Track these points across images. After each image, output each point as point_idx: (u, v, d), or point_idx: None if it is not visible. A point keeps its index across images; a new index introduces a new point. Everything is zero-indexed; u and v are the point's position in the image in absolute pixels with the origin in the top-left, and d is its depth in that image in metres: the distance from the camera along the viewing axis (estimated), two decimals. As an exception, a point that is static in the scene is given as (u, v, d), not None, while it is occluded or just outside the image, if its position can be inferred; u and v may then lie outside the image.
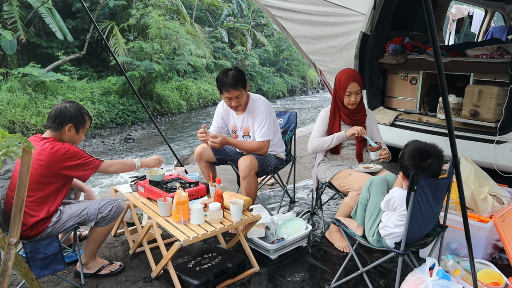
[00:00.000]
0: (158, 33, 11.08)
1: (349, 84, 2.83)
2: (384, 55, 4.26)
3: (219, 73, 3.00)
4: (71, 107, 2.30)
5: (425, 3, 1.60)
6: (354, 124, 2.94)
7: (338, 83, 2.90)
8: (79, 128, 2.34)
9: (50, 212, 2.22)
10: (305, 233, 2.80)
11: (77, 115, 2.31)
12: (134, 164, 2.55)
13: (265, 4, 3.92)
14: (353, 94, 2.85)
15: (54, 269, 2.18)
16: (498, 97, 3.38)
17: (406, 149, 2.04)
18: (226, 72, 2.96)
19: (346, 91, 2.84)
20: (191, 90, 13.48)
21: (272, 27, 19.31)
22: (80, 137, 2.37)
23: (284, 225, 2.85)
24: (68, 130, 2.28)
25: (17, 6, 9.92)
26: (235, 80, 2.92)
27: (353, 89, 2.84)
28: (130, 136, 10.04)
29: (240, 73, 2.98)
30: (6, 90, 8.88)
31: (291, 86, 18.72)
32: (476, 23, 7.90)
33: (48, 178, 2.20)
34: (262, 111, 3.05)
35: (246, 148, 3.08)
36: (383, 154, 2.76)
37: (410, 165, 1.98)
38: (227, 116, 3.25)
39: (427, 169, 1.95)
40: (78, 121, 2.31)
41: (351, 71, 2.93)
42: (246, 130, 3.18)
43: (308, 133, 6.77)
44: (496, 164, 3.36)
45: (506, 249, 2.35)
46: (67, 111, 2.27)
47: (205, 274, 2.29)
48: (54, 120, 2.27)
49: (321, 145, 2.92)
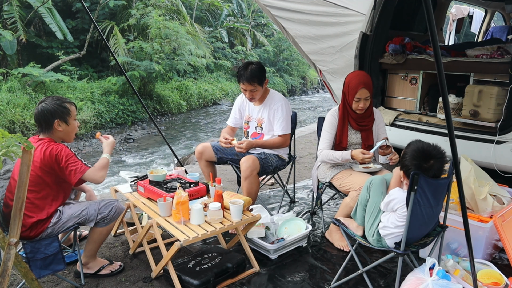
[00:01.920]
0: (158, 33, 11.08)
1: (358, 91, 2.71)
2: (384, 55, 4.26)
3: (242, 64, 3.14)
4: (48, 104, 2.25)
5: (425, 3, 1.60)
6: (361, 129, 2.89)
7: (347, 87, 2.79)
8: (67, 118, 2.28)
9: (49, 213, 2.22)
10: (305, 233, 2.80)
11: (58, 108, 2.25)
12: (108, 159, 2.42)
13: (265, 4, 3.92)
14: (362, 100, 2.74)
15: (54, 269, 2.18)
16: (498, 97, 3.38)
17: (408, 149, 2.03)
18: (247, 65, 3.09)
19: (355, 97, 2.73)
20: (191, 90, 13.48)
21: (272, 27, 19.31)
22: (72, 126, 2.33)
23: (284, 225, 2.85)
24: (57, 125, 2.25)
25: (17, 6, 9.92)
26: (251, 75, 3.02)
27: (362, 95, 2.72)
28: (130, 136, 10.04)
29: (258, 70, 3.07)
30: (6, 90, 8.88)
31: (291, 86, 18.72)
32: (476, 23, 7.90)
33: (44, 180, 2.20)
34: (280, 106, 3.17)
35: (271, 146, 3.18)
36: (394, 159, 2.72)
37: (411, 165, 1.98)
38: (244, 106, 3.35)
39: (428, 170, 1.94)
40: (61, 113, 2.26)
41: (362, 76, 2.78)
42: (259, 121, 3.26)
43: (308, 133, 6.77)
44: (496, 164, 3.36)
45: (506, 249, 2.35)
46: (46, 110, 2.23)
47: (205, 274, 2.29)
48: (40, 123, 2.26)
49: (331, 160, 2.81)
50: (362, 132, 2.91)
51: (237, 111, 3.38)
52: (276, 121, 3.16)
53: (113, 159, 8.54)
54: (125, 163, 8.25)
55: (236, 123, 3.40)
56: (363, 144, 2.92)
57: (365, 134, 2.91)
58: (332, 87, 4.58)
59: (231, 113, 3.43)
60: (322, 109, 14.56)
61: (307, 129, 7.23)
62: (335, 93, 4.64)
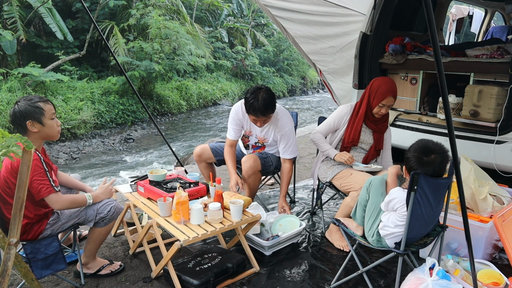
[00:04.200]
0: (158, 33, 11.08)
1: (386, 97, 2.74)
2: (384, 55, 4.26)
3: (248, 92, 2.83)
4: (20, 105, 2.13)
5: (425, 3, 1.60)
6: (376, 131, 2.91)
7: (375, 91, 2.78)
8: (40, 118, 2.12)
9: (39, 215, 2.18)
10: (299, 230, 2.82)
11: (29, 108, 2.11)
12: (85, 200, 2.29)
13: (265, 4, 3.92)
14: (385, 107, 2.79)
15: (55, 269, 2.18)
16: (498, 97, 3.38)
17: (412, 145, 2.06)
18: (256, 94, 2.76)
19: (381, 102, 2.76)
20: (191, 90, 13.48)
21: (272, 27, 19.31)
22: (49, 127, 2.17)
23: (278, 222, 2.87)
24: (31, 126, 2.12)
25: (17, 6, 9.92)
26: (265, 107, 2.76)
27: (388, 103, 2.76)
28: (130, 136, 10.05)
29: (271, 97, 2.80)
30: (6, 90, 8.88)
31: (291, 86, 18.73)
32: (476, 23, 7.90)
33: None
34: (289, 130, 3.01)
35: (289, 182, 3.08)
36: None
37: (412, 157, 2.00)
38: (244, 121, 3.10)
39: (429, 164, 1.95)
40: (34, 113, 2.11)
41: (392, 85, 2.78)
42: (262, 140, 3.13)
43: (308, 133, 6.76)
44: (496, 164, 3.36)
45: (506, 249, 2.35)
46: (18, 111, 2.11)
47: (205, 274, 2.29)
48: (15, 125, 2.15)
49: (318, 146, 2.97)
50: (375, 133, 2.92)
51: (235, 127, 3.10)
52: (287, 146, 3.01)
53: (113, 159, 8.55)
54: (125, 163, 8.25)
55: (236, 136, 3.13)
56: (373, 146, 2.93)
57: (377, 136, 2.92)
58: (332, 87, 4.58)
59: (228, 126, 3.14)
60: (322, 109, 14.56)
61: (307, 129, 7.23)
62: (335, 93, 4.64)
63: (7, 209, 2.10)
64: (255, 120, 2.89)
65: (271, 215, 2.98)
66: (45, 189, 2.09)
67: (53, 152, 8.39)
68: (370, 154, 2.94)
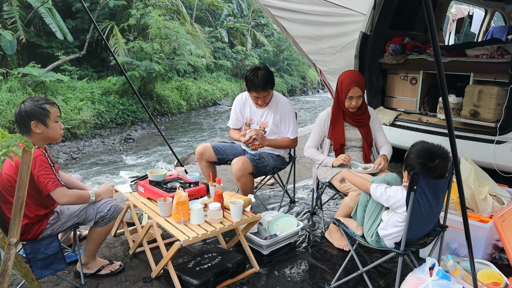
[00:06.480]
0: (158, 33, 11.08)
1: (351, 89, 2.79)
2: (384, 55, 4.26)
3: (248, 71, 3.03)
4: (27, 104, 2.15)
5: (425, 3, 1.60)
6: (359, 125, 2.93)
7: (340, 86, 2.87)
8: (45, 120, 2.15)
9: (39, 215, 2.18)
10: (296, 230, 2.84)
11: (35, 109, 2.13)
12: (89, 197, 2.32)
13: (265, 4, 3.92)
14: (355, 98, 2.82)
15: (55, 269, 2.18)
16: (498, 97, 3.38)
17: (413, 149, 2.02)
18: (255, 72, 2.97)
19: (348, 95, 2.82)
20: (191, 90, 13.48)
21: (272, 27, 19.32)
22: (53, 129, 2.19)
23: (275, 221, 2.88)
24: (35, 127, 2.14)
25: (17, 6, 9.92)
26: (265, 82, 2.96)
27: (354, 93, 2.81)
28: (130, 136, 10.05)
29: (269, 74, 3.01)
30: (6, 90, 8.88)
31: (291, 86, 18.73)
32: (476, 23, 7.90)
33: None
34: (288, 110, 3.15)
35: (280, 146, 3.19)
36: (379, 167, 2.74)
37: (416, 164, 1.96)
38: (244, 108, 3.28)
39: (434, 169, 1.93)
40: (39, 114, 2.13)
41: (354, 75, 2.87)
42: (263, 125, 3.22)
43: (308, 133, 6.75)
44: (496, 164, 3.36)
45: (506, 249, 2.35)
46: (24, 110, 2.13)
47: (205, 274, 2.29)
48: (18, 125, 2.16)
49: (314, 160, 3.03)
50: (361, 129, 2.94)
51: (238, 113, 3.32)
52: (287, 126, 3.17)
53: (113, 159, 8.55)
54: (125, 163, 8.25)
55: (238, 124, 3.36)
56: (364, 142, 2.94)
57: (364, 130, 2.94)
58: (332, 87, 4.58)
59: (231, 115, 3.37)
60: (322, 109, 14.55)
61: (307, 129, 7.23)
62: (335, 93, 4.64)
63: (8, 209, 2.10)
64: (256, 97, 3.04)
65: (269, 214, 2.99)
66: (52, 182, 2.12)
67: (53, 152, 8.38)
68: (365, 150, 2.95)
